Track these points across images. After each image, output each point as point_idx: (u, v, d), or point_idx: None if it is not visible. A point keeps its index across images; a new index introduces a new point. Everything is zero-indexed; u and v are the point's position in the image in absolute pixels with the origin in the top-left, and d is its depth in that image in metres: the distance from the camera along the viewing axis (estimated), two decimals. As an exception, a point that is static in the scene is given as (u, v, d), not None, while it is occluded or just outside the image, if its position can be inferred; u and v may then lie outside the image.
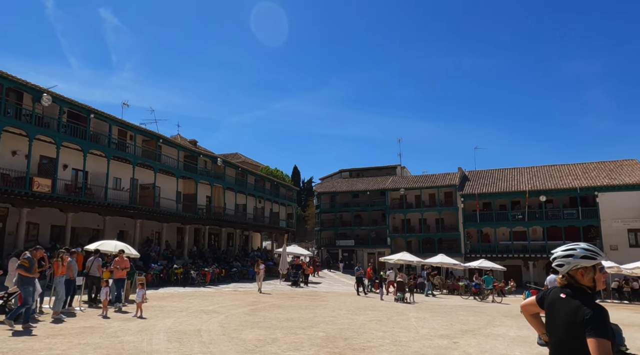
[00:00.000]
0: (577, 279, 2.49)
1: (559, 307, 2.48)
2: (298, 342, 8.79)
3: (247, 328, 10.33)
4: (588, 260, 2.46)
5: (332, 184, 53.93)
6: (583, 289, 2.46)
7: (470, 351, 8.63)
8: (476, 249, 41.59)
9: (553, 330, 2.50)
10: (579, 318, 2.32)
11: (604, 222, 37.70)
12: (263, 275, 21.75)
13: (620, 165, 42.19)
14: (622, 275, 29.92)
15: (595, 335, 2.20)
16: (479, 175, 47.42)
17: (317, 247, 53.34)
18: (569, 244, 2.60)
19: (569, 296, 2.45)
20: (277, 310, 14.39)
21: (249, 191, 40.24)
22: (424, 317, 14.51)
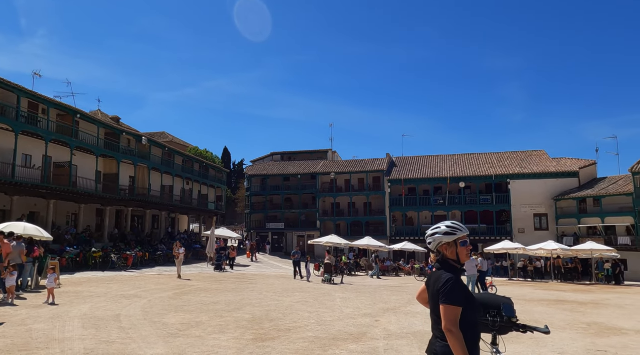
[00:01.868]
0: (444, 253, 2.73)
1: (431, 280, 2.73)
2: (224, 325, 8.72)
3: (170, 312, 10.06)
4: (449, 236, 2.70)
5: (264, 167, 53.52)
6: (449, 263, 2.69)
7: (390, 328, 9.07)
8: (401, 232, 43.53)
9: (430, 301, 2.73)
10: (436, 287, 2.57)
11: (514, 207, 41.02)
12: (183, 259, 20.22)
13: (530, 155, 45.94)
14: (527, 256, 32.84)
15: (443, 303, 2.45)
16: (405, 162, 49.38)
17: (247, 230, 52.91)
18: (437, 224, 2.84)
19: (438, 270, 2.70)
20: (204, 293, 14.14)
21: (176, 172, 38.79)
22: (349, 297, 14.98)
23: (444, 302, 2.46)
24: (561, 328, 9.64)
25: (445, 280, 2.54)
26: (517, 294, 18.33)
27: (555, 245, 30.33)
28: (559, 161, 43.42)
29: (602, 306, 14.65)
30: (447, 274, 2.58)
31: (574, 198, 38.50)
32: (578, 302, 15.91)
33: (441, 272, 2.63)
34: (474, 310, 2.63)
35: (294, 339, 7.67)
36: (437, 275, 2.66)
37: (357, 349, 7.06)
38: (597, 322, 10.84)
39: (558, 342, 8.03)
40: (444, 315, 2.43)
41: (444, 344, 2.50)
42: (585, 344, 7.94)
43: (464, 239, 2.75)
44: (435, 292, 2.59)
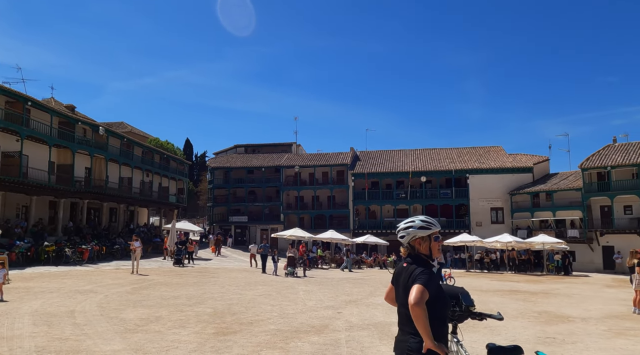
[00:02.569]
0: (417, 248, 2.75)
1: (401, 275, 2.72)
2: (184, 320, 8.57)
3: (128, 307, 9.79)
4: (424, 230, 2.72)
5: (227, 159, 52.77)
6: (422, 257, 2.71)
7: (351, 320, 9.19)
8: (364, 225, 44.08)
9: (397, 297, 2.73)
10: (410, 279, 2.57)
11: (472, 201, 42.34)
12: (140, 254, 19.16)
13: (487, 151, 47.49)
14: (484, 248, 34.04)
15: (417, 283, 2.45)
16: (369, 156, 49.94)
17: (209, 223, 52.13)
18: (410, 217, 2.84)
19: (409, 264, 2.69)
20: (164, 288, 13.85)
21: (135, 163, 37.62)
22: (313, 290, 15.07)
23: (419, 283, 2.46)
24: (514, 317, 10.07)
25: (422, 271, 2.56)
26: (474, 285, 18.99)
27: (510, 237, 31.60)
28: (515, 157, 45.11)
29: (552, 295, 15.40)
30: (420, 268, 2.59)
31: (528, 192, 40.15)
32: (530, 292, 16.65)
33: (414, 267, 2.62)
34: (444, 306, 2.67)
35: (256, 332, 7.65)
36: (409, 270, 2.65)
37: (319, 340, 7.12)
38: (547, 310, 11.39)
39: (511, 330, 8.39)
40: (415, 292, 2.41)
41: (418, 339, 2.50)
42: (535, 332, 8.32)
43: (437, 234, 2.78)
44: (408, 285, 2.57)
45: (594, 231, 35.97)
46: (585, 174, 37.00)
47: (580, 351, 6.82)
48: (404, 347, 2.58)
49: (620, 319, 10.16)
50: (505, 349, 2.81)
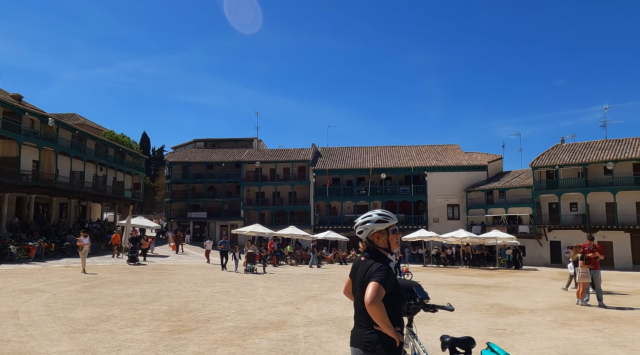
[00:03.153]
0: (375, 242, 2.76)
1: (358, 269, 2.72)
2: (138, 318, 8.30)
3: (78, 306, 9.38)
4: (382, 223, 2.74)
5: (186, 154, 51.58)
6: (379, 251, 2.73)
7: (310, 315, 9.20)
8: (324, 221, 44.30)
9: (354, 290, 2.74)
10: (367, 274, 2.57)
11: (430, 198, 43.43)
12: (88, 251, 18.12)
13: (445, 149, 48.81)
14: (440, 243, 35.02)
15: (373, 280, 2.47)
16: (330, 152, 50.18)
17: (166, 219, 50.83)
18: (368, 212, 2.85)
19: (367, 258, 2.70)
20: (117, 286, 13.37)
21: (88, 157, 36.10)
22: (272, 286, 14.99)
23: (374, 280, 2.46)
24: (467, 310, 10.40)
25: (379, 266, 2.56)
26: (431, 280, 19.50)
27: (465, 233, 32.69)
28: (471, 155, 46.62)
29: (503, 289, 16.03)
30: (378, 263, 2.59)
31: (482, 190, 41.60)
32: (483, 285, 17.27)
33: (371, 262, 2.62)
34: (400, 300, 2.69)
35: (213, 329, 7.51)
36: (366, 264, 2.64)
37: (276, 337, 7.08)
38: (498, 303, 11.84)
39: (464, 322, 8.65)
40: (371, 290, 2.41)
41: (374, 330, 2.51)
42: (487, 324, 8.63)
43: (394, 226, 2.79)
44: (365, 279, 2.57)
45: (542, 227, 37.75)
46: (536, 172, 38.73)
47: (528, 341, 7.12)
48: (361, 340, 2.57)
49: (564, 310, 10.70)
50: (458, 340, 2.88)
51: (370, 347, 2.52)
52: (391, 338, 2.47)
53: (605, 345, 6.95)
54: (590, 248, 12.03)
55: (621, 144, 37.42)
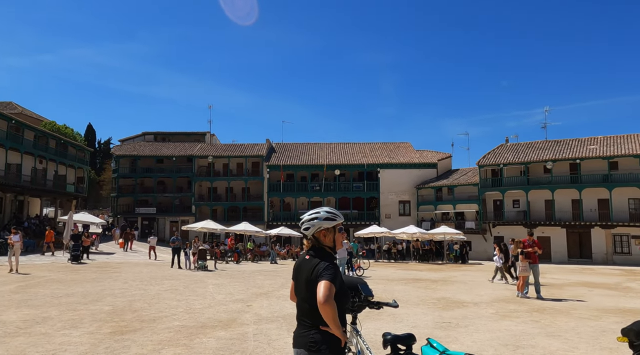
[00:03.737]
0: (321, 240, 2.72)
1: (303, 268, 2.66)
2: (77, 319, 7.88)
3: (10, 308, 8.78)
4: (329, 221, 2.69)
5: (134, 147, 49.66)
6: (325, 250, 2.68)
7: (261, 312, 9.10)
8: (278, 217, 44.12)
9: (298, 290, 2.68)
10: (315, 273, 2.52)
11: (382, 194, 44.27)
12: (20, 249, 16.60)
13: (397, 147, 49.89)
14: (392, 239, 35.79)
15: (324, 279, 2.43)
16: (284, 148, 49.97)
17: (112, 215, 48.78)
18: (314, 209, 2.79)
19: (312, 256, 2.64)
20: (56, 285, 12.65)
21: (26, 149, 33.93)
22: (222, 283, 14.72)
23: (326, 278, 2.42)
24: (415, 304, 10.66)
25: (327, 265, 2.52)
26: (382, 274, 19.88)
27: (416, 229, 33.58)
28: (422, 153, 47.93)
29: (450, 283, 16.59)
30: (325, 262, 2.54)
31: (432, 187, 42.90)
32: (431, 279, 17.79)
33: (317, 261, 2.56)
34: (346, 298, 2.66)
35: (158, 329, 7.25)
36: (311, 263, 2.58)
37: (225, 335, 6.93)
38: (445, 297, 12.23)
39: (412, 316, 8.86)
40: (323, 289, 2.36)
41: (319, 330, 2.47)
42: (434, 317, 8.88)
43: (340, 225, 2.76)
44: (311, 278, 2.51)
45: (487, 223, 39.46)
46: (482, 170, 40.40)
47: (472, 333, 7.39)
48: (306, 341, 2.52)
49: (506, 303, 11.20)
50: (399, 337, 2.91)
51: (315, 347, 2.48)
52: (336, 338, 2.44)
53: (541, 335, 7.33)
54: (529, 243, 12.66)
55: (559, 145, 39.74)
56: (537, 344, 6.70)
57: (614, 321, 8.70)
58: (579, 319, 8.96)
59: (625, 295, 13.44)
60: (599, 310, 10.19)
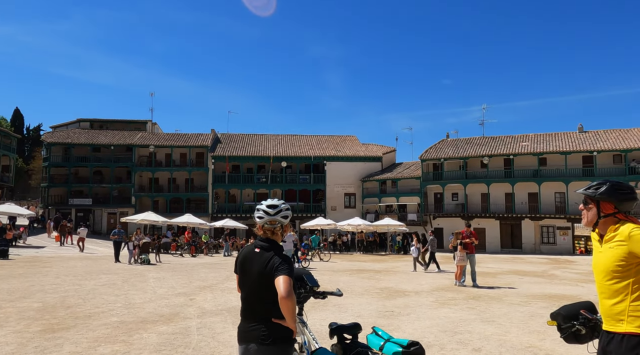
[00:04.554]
0: (274, 232, 2.67)
1: (252, 261, 2.61)
2: (2, 318, 7.32)
3: None
4: (288, 218, 2.68)
5: (68, 135, 46.70)
6: (276, 242, 2.65)
7: (205, 306, 8.91)
8: (223, 209, 43.34)
9: (245, 283, 2.63)
10: (269, 267, 2.49)
11: (328, 187, 44.70)
12: None
13: (344, 140, 50.48)
14: (337, 231, 36.27)
15: (282, 274, 2.42)
16: (230, 139, 49.05)
17: (43, 206, 45.73)
18: (273, 200, 2.72)
19: (263, 249, 2.59)
20: (-23, 282, 11.68)
21: (-58, 133, 30.94)
22: (164, 277, 14.27)
23: (285, 273, 2.41)
24: (360, 294, 10.88)
25: (282, 259, 2.50)
26: (327, 266, 20.11)
27: (360, 221, 34.23)
28: (367, 147, 48.82)
29: (392, 273, 17.10)
30: (279, 257, 2.52)
31: (377, 180, 43.88)
32: (375, 270, 18.25)
33: (271, 254, 2.53)
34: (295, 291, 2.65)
35: (94, 325, 6.90)
36: (264, 256, 2.53)
37: (167, 330, 6.72)
38: (387, 286, 12.58)
39: (357, 306, 9.04)
40: (284, 284, 2.37)
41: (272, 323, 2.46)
42: (377, 307, 9.11)
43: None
44: (266, 272, 2.47)
45: (428, 215, 41.00)
46: (424, 164, 41.83)
47: (413, 321, 7.65)
48: (258, 335, 2.48)
49: (444, 291, 11.71)
50: (345, 327, 2.94)
51: (268, 340, 2.46)
52: (288, 330, 2.45)
53: (477, 321, 7.73)
54: (467, 234, 13.30)
55: (495, 141, 41.95)
56: (473, 329, 7.06)
57: (541, 306, 9.35)
58: (511, 305, 9.55)
59: (551, 282, 14.48)
60: (528, 296, 10.90)
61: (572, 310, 2.78)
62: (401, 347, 2.74)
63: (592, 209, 2.46)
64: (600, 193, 2.44)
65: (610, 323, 2.36)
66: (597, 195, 2.45)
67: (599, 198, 2.44)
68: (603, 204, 2.43)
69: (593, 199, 2.46)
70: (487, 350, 5.84)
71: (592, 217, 2.46)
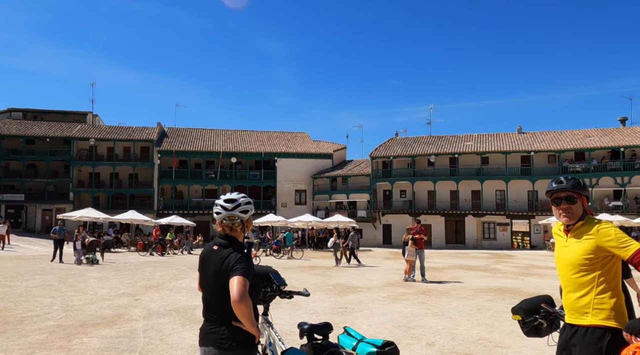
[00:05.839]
0: (238, 229, 2.48)
1: (211, 259, 2.44)
2: None
3: None
4: (249, 213, 2.49)
5: (-3, 125, 43.26)
6: (236, 238, 2.48)
7: (151, 306, 8.49)
8: (169, 205, 41.91)
9: (205, 284, 2.46)
10: (225, 266, 2.32)
11: (279, 183, 44.39)
12: None
13: (295, 136, 50.32)
14: (287, 228, 36.08)
15: (237, 274, 2.24)
16: (178, 133, 47.48)
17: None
18: (231, 194, 2.55)
19: (221, 247, 2.42)
20: None
21: None
22: (107, 276, 13.53)
23: (240, 274, 2.22)
24: (312, 291, 10.80)
25: (239, 256, 2.31)
26: (278, 263, 19.92)
27: (311, 217, 34.26)
28: (318, 143, 48.94)
29: (343, 269, 17.21)
30: (236, 254, 2.33)
31: (327, 177, 44.10)
32: (326, 266, 18.29)
33: (228, 251, 2.35)
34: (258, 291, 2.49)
35: (27, 331, 6.35)
36: (221, 254, 2.36)
37: (110, 333, 6.31)
38: (339, 283, 12.61)
39: (310, 303, 8.95)
40: (237, 286, 2.17)
41: (232, 326, 2.27)
42: (331, 303, 9.08)
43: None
44: (221, 271, 2.29)
45: (377, 212, 41.74)
46: (374, 162, 42.52)
47: (367, 317, 7.68)
48: (216, 338, 2.31)
49: (395, 286, 11.91)
50: (316, 327, 2.83)
51: (226, 344, 2.28)
52: (249, 334, 2.27)
53: (428, 315, 7.88)
54: (417, 230, 13.61)
55: (442, 140, 43.40)
56: (425, 324, 7.17)
57: (486, 299, 9.71)
58: (459, 298, 9.84)
59: (493, 276, 15.13)
60: (474, 290, 11.30)
61: (532, 304, 2.82)
62: (375, 347, 2.66)
63: (578, 203, 2.46)
64: (583, 187, 2.47)
65: (574, 316, 2.40)
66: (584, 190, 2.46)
67: (584, 193, 2.46)
68: (583, 198, 2.46)
69: (582, 193, 2.46)
70: (440, 344, 5.93)
71: (579, 211, 2.45)
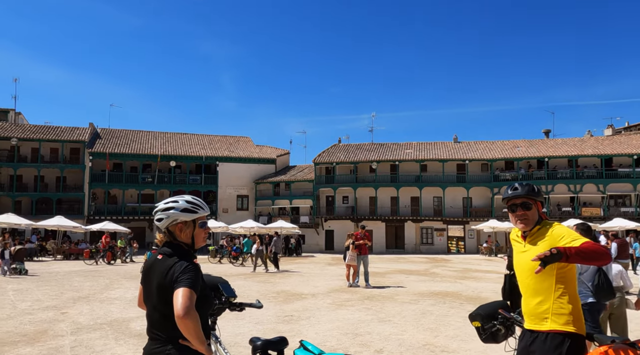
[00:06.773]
0: (176, 235, 2.23)
1: (154, 269, 2.18)
2: None
3: None
4: (188, 213, 2.22)
5: None
6: (182, 247, 2.22)
7: (80, 320, 7.82)
8: (101, 210, 39.53)
9: (148, 298, 2.20)
10: (169, 277, 2.07)
11: (220, 188, 43.32)
12: None
13: (237, 140, 49.43)
14: (229, 234, 35.23)
15: (182, 286, 2.00)
16: (112, 134, 45.03)
17: None
18: (173, 197, 2.32)
19: (165, 255, 2.16)
20: None
21: None
22: (28, 288, 12.39)
23: (185, 286, 1.97)
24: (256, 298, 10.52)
25: (185, 266, 2.05)
26: (219, 271, 19.27)
27: (253, 223, 33.66)
28: (261, 148, 48.40)
29: (287, 275, 16.98)
30: (183, 262, 2.07)
31: (270, 182, 43.67)
32: (269, 273, 17.96)
33: (173, 261, 2.09)
34: (208, 304, 2.23)
35: None
36: (165, 264, 2.10)
37: (32, 351, 5.70)
38: (284, 290, 12.38)
39: (255, 312, 8.64)
40: (182, 299, 1.92)
41: (178, 345, 2.01)
42: (276, 311, 8.84)
43: (204, 219, 2.27)
44: (165, 283, 2.04)
45: (320, 217, 41.89)
46: (317, 168, 42.71)
47: (313, 325, 7.53)
48: None
49: (340, 292, 11.87)
50: (270, 342, 2.63)
51: None
52: (199, 353, 2.01)
53: (375, 321, 7.87)
54: (361, 236, 13.70)
55: (383, 148, 44.47)
56: (372, 330, 7.14)
57: (429, 303, 9.90)
58: (402, 303, 9.96)
59: (433, 279, 15.56)
60: (416, 294, 11.52)
61: (489, 310, 2.81)
62: (337, 365, 2.50)
63: (533, 209, 2.47)
64: (538, 192, 2.48)
65: (534, 322, 2.39)
66: (538, 195, 2.47)
67: (539, 199, 2.48)
68: (538, 203, 2.47)
69: (536, 199, 2.47)
70: (389, 350, 5.91)
71: (535, 217, 2.47)
